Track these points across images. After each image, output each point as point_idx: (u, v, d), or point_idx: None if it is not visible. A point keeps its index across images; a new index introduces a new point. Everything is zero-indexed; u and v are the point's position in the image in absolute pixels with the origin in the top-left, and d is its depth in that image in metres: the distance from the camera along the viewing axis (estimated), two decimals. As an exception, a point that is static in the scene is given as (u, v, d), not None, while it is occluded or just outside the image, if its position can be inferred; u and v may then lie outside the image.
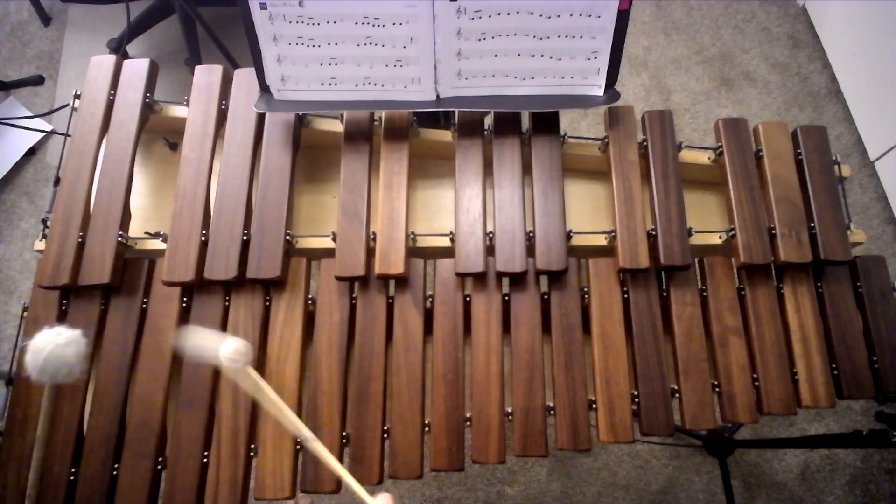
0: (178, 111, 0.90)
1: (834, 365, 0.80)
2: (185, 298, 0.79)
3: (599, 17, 0.75)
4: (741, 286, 0.82)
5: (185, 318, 0.79)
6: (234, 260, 0.77)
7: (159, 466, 0.74)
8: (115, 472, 0.73)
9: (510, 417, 0.75)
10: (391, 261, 0.78)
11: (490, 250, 0.79)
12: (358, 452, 0.74)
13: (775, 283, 0.83)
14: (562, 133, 0.86)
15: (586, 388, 0.77)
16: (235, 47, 1.73)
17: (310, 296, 0.81)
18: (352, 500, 0.54)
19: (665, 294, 0.81)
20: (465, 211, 0.80)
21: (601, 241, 0.83)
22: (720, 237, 0.85)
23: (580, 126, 1.92)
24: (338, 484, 0.73)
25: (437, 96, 0.82)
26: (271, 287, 0.80)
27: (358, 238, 0.79)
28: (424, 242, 0.83)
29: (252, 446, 0.74)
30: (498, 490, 1.54)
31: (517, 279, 0.80)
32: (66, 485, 0.72)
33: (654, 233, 0.81)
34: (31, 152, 1.89)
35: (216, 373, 0.76)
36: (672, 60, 2.06)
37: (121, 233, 0.79)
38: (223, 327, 0.78)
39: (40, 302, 0.79)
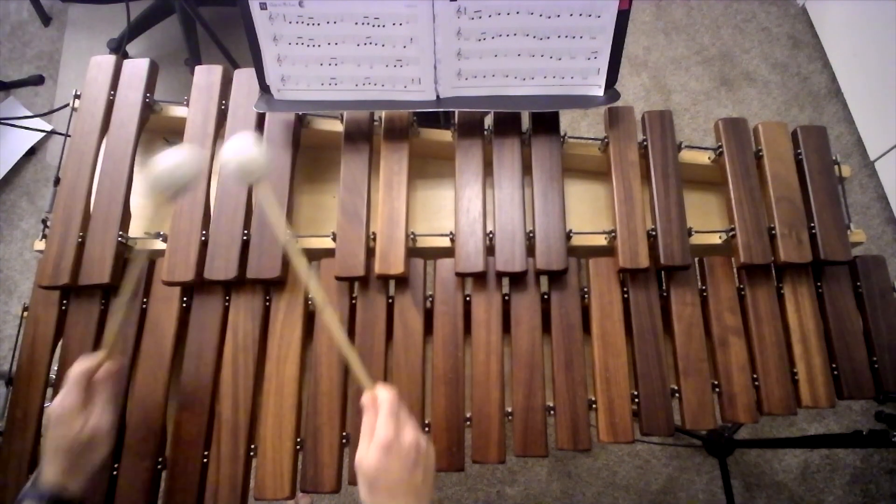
0: (178, 111, 0.90)
1: (834, 365, 0.80)
2: (185, 298, 0.79)
3: (599, 17, 0.75)
4: (741, 286, 0.82)
5: (185, 318, 0.79)
6: (234, 260, 0.77)
7: (159, 466, 0.73)
8: (115, 472, 0.73)
9: (510, 417, 0.75)
10: (391, 261, 0.78)
11: (490, 250, 0.79)
12: (358, 452, 0.74)
13: (775, 283, 0.83)
14: (562, 133, 0.86)
15: (586, 388, 0.77)
16: (235, 47, 1.73)
17: (309, 296, 0.81)
18: (352, 500, 0.54)
19: (665, 294, 0.81)
20: (465, 211, 0.80)
21: (601, 241, 0.83)
22: (720, 237, 0.85)
23: (580, 126, 1.92)
24: (338, 484, 0.73)
25: (437, 96, 0.82)
26: (271, 287, 0.80)
27: (358, 238, 0.79)
28: (424, 242, 0.83)
29: (252, 446, 0.74)
30: (498, 490, 1.54)
31: (517, 279, 0.80)
32: (66, 485, 0.71)
33: (654, 233, 0.81)
34: (31, 152, 1.89)
35: (216, 373, 0.76)
36: (672, 60, 2.06)
37: (121, 233, 0.79)
38: (223, 327, 0.78)
39: (40, 302, 0.79)
